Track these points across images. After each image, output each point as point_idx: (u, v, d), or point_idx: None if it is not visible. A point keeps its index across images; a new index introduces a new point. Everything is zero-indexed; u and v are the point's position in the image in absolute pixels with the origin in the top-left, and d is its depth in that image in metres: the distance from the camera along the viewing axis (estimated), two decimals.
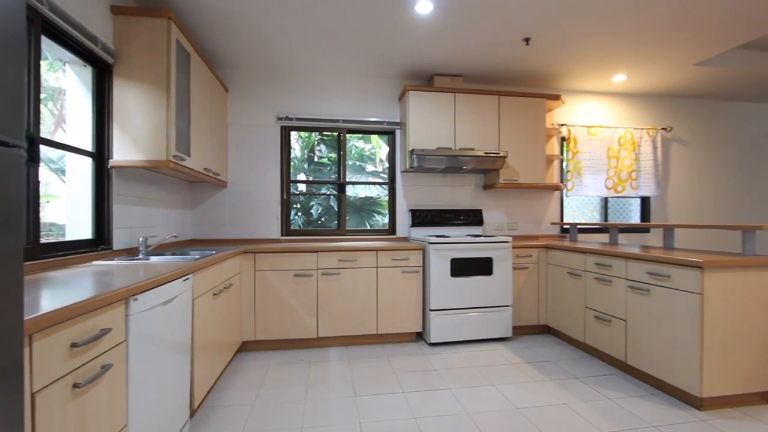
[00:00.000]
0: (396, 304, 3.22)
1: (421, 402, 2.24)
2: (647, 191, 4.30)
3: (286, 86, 3.68)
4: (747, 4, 2.53)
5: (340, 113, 3.77)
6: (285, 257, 3.05)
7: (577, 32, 2.91)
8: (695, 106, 4.56)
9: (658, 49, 3.20)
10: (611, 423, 2.01)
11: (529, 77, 3.85)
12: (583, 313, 2.98)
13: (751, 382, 2.14)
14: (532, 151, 3.73)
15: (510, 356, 2.97)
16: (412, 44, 3.11)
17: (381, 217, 4.54)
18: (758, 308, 2.14)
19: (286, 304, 3.05)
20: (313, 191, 4.14)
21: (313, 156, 4.73)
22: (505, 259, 3.30)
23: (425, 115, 3.51)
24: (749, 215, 4.73)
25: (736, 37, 2.99)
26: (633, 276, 2.50)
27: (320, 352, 3.06)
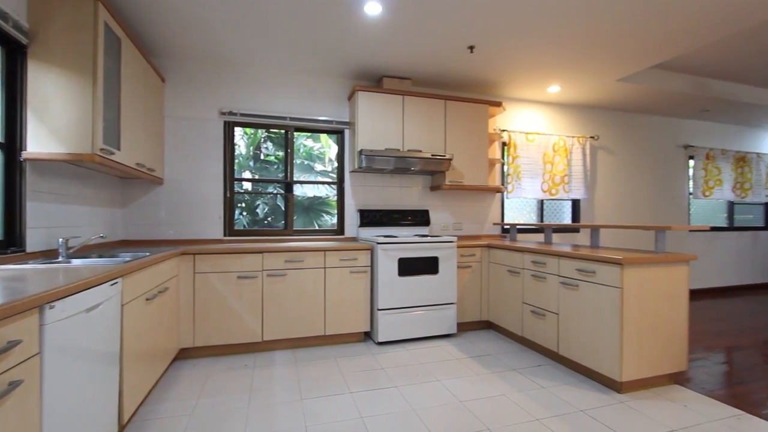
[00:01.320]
0: (344, 304, 3.21)
1: (369, 401, 2.25)
2: (577, 194, 4.66)
3: (231, 80, 3.53)
4: (657, 30, 2.83)
5: (288, 111, 3.68)
6: (228, 258, 2.92)
7: (516, 44, 3.08)
8: (618, 118, 5.03)
9: (586, 64, 3.48)
10: (544, 410, 2.15)
11: (474, 84, 4.02)
12: (521, 309, 3.16)
13: (661, 365, 2.40)
14: (476, 155, 3.89)
15: (454, 352, 3.08)
16: (362, 45, 3.11)
17: (330, 217, 4.50)
18: (666, 300, 2.40)
19: (229, 307, 2.92)
20: (259, 190, 4.00)
21: (259, 153, 4.57)
22: (450, 259, 3.41)
23: (374, 115, 3.54)
24: (662, 216, 5.30)
25: (651, 57, 3.34)
26: (564, 273, 2.70)
27: (266, 356, 2.97)
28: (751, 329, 3.76)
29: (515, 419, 2.05)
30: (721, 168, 5.52)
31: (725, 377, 2.63)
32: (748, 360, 2.95)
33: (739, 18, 2.67)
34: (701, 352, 3.10)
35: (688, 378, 2.60)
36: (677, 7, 2.54)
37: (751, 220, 6.12)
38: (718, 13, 2.61)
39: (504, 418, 2.06)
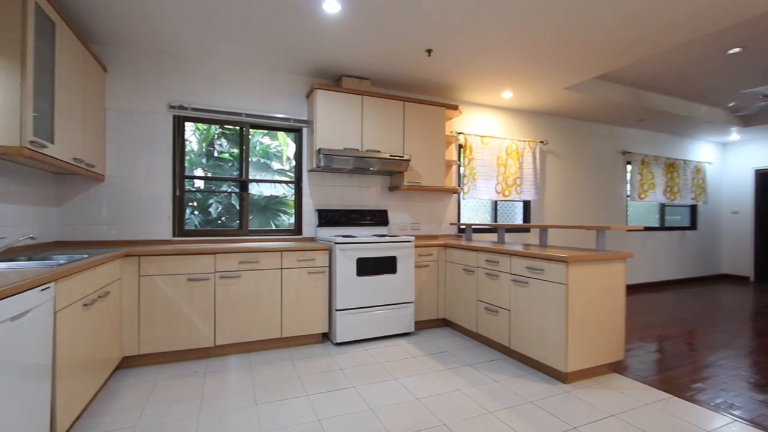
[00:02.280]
0: (301, 305, 3.15)
1: (327, 403, 2.23)
2: (528, 196, 4.90)
3: (182, 72, 3.36)
4: (599, 43, 3.04)
5: (244, 107, 3.56)
6: (177, 260, 2.78)
7: (471, 50, 3.18)
8: (565, 124, 5.34)
9: (537, 72, 3.67)
10: (496, 402, 2.24)
11: (432, 86, 4.10)
12: (476, 306, 3.27)
13: (602, 355, 2.58)
14: (433, 156, 3.97)
15: (412, 350, 3.12)
16: (321, 43, 3.08)
17: (287, 217, 4.40)
18: (606, 295, 2.58)
19: (178, 311, 2.78)
20: (213, 188, 3.84)
21: (212, 150, 4.39)
22: (408, 258, 3.46)
23: (333, 114, 3.51)
24: (603, 217, 5.70)
25: (594, 68, 3.57)
26: (516, 271, 2.82)
27: (218, 362, 2.85)
28: (679, 320, 4.14)
29: (469, 413, 2.12)
30: (654, 173, 6.02)
31: (656, 364, 2.87)
32: (675, 348, 3.24)
33: (669, 36, 2.93)
34: (636, 342, 3.37)
35: (625, 366, 2.81)
36: (617, 24, 2.74)
37: (679, 221, 6.72)
38: (652, 31, 2.85)
39: (458, 413, 2.12)
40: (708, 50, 3.57)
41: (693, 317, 4.25)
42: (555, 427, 1.98)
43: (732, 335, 3.59)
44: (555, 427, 1.98)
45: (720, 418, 2.09)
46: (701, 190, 6.59)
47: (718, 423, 2.03)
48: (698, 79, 4.32)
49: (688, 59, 3.78)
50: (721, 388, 2.45)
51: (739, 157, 6.95)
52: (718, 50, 3.57)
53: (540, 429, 1.96)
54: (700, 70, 4.07)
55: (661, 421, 2.05)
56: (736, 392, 2.40)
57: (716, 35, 3.23)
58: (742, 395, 2.36)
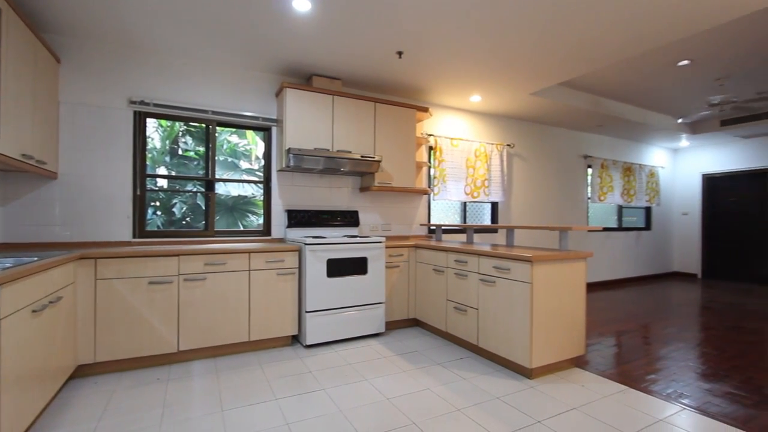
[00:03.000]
0: (270, 308, 3.09)
1: (296, 406, 2.20)
2: (496, 197, 5.03)
3: (144, 66, 3.21)
4: (562, 51, 3.17)
5: (210, 104, 3.46)
6: (137, 263, 2.65)
7: (441, 54, 3.24)
8: (531, 128, 5.52)
9: (504, 78, 3.77)
10: (465, 400, 2.28)
11: (403, 88, 4.13)
12: (445, 305, 3.32)
13: (564, 351, 2.68)
14: (404, 158, 4.00)
15: (382, 350, 3.13)
16: (291, 41, 3.03)
17: (256, 217, 4.31)
18: (568, 292, 2.69)
19: (139, 316, 2.66)
20: (177, 188, 3.70)
21: (176, 148, 4.22)
22: (379, 259, 3.46)
23: (303, 114, 3.47)
24: (566, 218, 5.93)
25: (558, 75, 3.72)
26: (483, 270, 2.89)
27: (182, 368, 2.75)
28: (635, 315, 4.37)
29: (438, 411, 2.15)
30: (612, 176, 6.33)
31: (614, 358, 3.02)
32: (631, 342, 3.42)
33: (625, 48, 3.09)
34: (596, 338, 3.53)
35: (586, 361, 2.93)
36: (578, 34, 2.87)
37: (635, 222, 7.11)
38: (609, 42, 3.00)
39: (428, 412, 2.15)
40: (660, 62, 3.80)
41: (647, 313, 4.50)
42: (520, 421, 2.05)
43: (682, 329, 3.83)
44: (520, 421, 2.05)
45: (671, 407, 2.22)
46: (655, 192, 7.00)
47: (669, 411, 2.17)
48: (652, 88, 4.59)
49: (642, 70, 4.00)
50: (672, 379, 2.61)
51: (688, 162, 7.43)
52: (669, 62, 3.80)
53: (506, 424, 2.02)
54: (653, 81, 4.33)
55: (618, 412, 2.16)
56: (685, 382, 2.57)
57: (667, 48, 3.45)
58: (690, 385, 2.53)
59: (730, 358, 3.03)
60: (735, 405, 2.25)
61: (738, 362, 2.94)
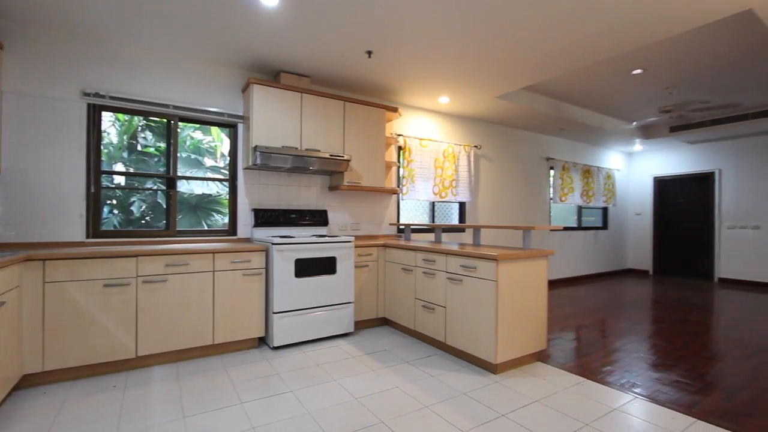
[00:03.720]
0: (236, 309, 3.01)
1: (262, 410, 2.15)
2: (463, 197, 5.13)
3: (100, 56, 3.04)
4: (527, 57, 3.28)
5: (172, 98, 3.32)
6: (91, 264, 2.51)
7: (410, 54, 3.27)
8: (497, 130, 5.68)
9: (471, 81, 3.86)
10: (432, 397, 2.32)
11: (373, 88, 4.14)
12: (414, 304, 3.36)
13: (527, 346, 2.78)
14: (373, 157, 4.01)
15: (351, 350, 3.12)
16: (258, 36, 2.96)
17: (221, 216, 4.17)
18: (531, 289, 2.79)
19: (93, 321, 2.51)
20: (136, 185, 3.52)
21: (135, 144, 4.02)
22: (348, 258, 3.45)
23: (270, 111, 3.40)
24: (530, 218, 6.15)
25: (522, 79, 3.84)
26: (451, 269, 2.95)
27: (141, 374, 2.62)
28: (593, 310, 4.59)
29: (406, 409, 2.17)
30: (573, 178, 6.62)
31: (574, 351, 3.16)
32: (589, 336, 3.59)
33: (583, 55, 3.24)
34: (557, 332, 3.68)
35: (548, 355, 3.05)
36: (543, 41, 2.98)
37: (593, 221, 7.47)
38: (569, 50, 3.13)
39: (396, 410, 2.16)
40: (616, 70, 4.01)
41: (604, 308, 4.75)
42: (485, 416, 2.10)
43: (635, 322, 4.06)
44: (485, 416, 2.10)
45: (624, 396, 2.35)
46: (611, 194, 7.38)
47: (623, 401, 2.29)
48: (608, 95, 4.83)
49: (600, 77, 4.21)
50: (625, 370, 2.77)
51: (641, 166, 7.89)
52: (624, 70, 4.02)
53: (471, 419, 2.07)
54: (609, 87, 4.56)
55: (577, 402, 2.26)
56: (638, 373, 2.73)
57: (622, 57, 3.65)
58: (642, 375, 2.69)
59: (677, 348, 3.25)
60: (681, 392, 2.42)
61: (684, 352, 3.15)
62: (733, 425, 2.03)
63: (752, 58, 3.68)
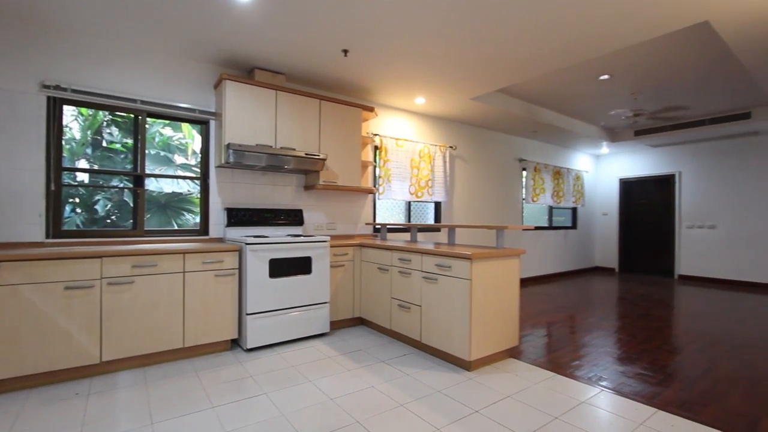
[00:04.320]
0: (207, 311, 2.93)
1: (235, 413, 2.10)
2: (439, 197, 5.19)
3: (61, 47, 2.89)
4: (501, 61, 3.35)
5: (140, 92, 3.20)
6: (51, 266, 2.38)
7: (386, 54, 3.27)
8: (472, 131, 5.77)
9: (446, 82, 3.91)
10: (407, 395, 2.33)
11: (349, 87, 4.12)
12: (390, 303, 3.37)
13: (500, 343, 2.84)
14: (349, 156, 3.99)
15: (327, 350, 3.10)
16: (232, 31, 2.90)
17: (192, 216, 4.06)
18: (504, 287, 2.86)
19: (53, 326, 2.38)
20: (101, 183, 3.37)
21: (100, 140, 3.85)
22: (323, 258, 3.43)
23: (244, 108, 3.33)
24: (503, 217, 6.29)
25: (496, 82, 3.92)
26: (426, 268, 2.97)
27: (106, 380, 2.51)
28: (563, 307, 4.75)
29: (382, 408, 2.18)
30: (544, 179, 6.82)
31: (545, 347, 3.25)
32: (559, 332, 3.71)
33: (553, 60, 3.34)
34: (528, 329, 3.78)
35: (520, 351, 3.13)
36: (512, 45, 3.05)
37: (563, 221, 7.71)
38: (540, 55, 3.22)
39: (372, 409, 2.16)
40: (584, 75, 4.16)
41: (573, 304, 4.91)
42: (459, 412, 2.13)
43: (602, 318, 4.23)
44: (459, 412, 2.13)
45: (592, 389, 2.45)
46: (580, 194, 7.65)
47: (590, 393, 2.38)
48: (577, 99, 5.00)
49: (569, 82, 4.36)
50: (593, 364, 2.87)
51: (608, 168, 8.21)
52: (592, 76, 4.18)
53: (446, 416, 2.10)
54: (578, 92, 4.72)
55: (547, 397, 2.33)
56: (604, 366, 2.84)
57: (590, 63, 3.79)
58: (608, 368, 2.80)
59: (640, 342, 3.40)
60: (643, 384, 2.53)
61: (646, 346, 3.30)
62: (690, 414, 2.14)
63: (709, 67, 3.90)
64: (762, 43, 3.02)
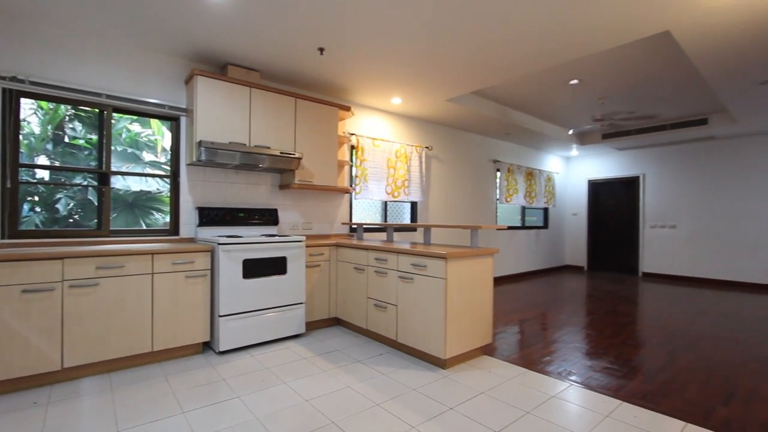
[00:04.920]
0: (177, 314, 2.84)
1: (206, 418, 2.05)
2: (415, 197, 5.23)
3: (18, 37, 2.73)
4: (471, 64, 3.41)
5: (105, 86, 3.07)
6: (6, 268, 2.25)
7: (363, 54, 3.27)
8: (448, 132, 5.85)
9: (422, 83, 3.94)
10: (383, 394, 2.34)
11: (325, 86, 4.09)
12: (366, 303, 3.37)
13: (474, 340, 2.89)
14: (325, 156, 3.96)
15: (302, 351, 3.07)
16: (204, 25, 2.82)
17: (161, 215, 3.92)
18: (478, 286, 2.91)
19: (8, 331, 2.25)
20: (63, 180, 3.21)
21: (62, 135, 3.66)
22: (299, 258, 3.39)
23: (217, 105, 3.25)
24: (478, 217, 6.40)
25: (469, 84, 3.99)
26: (402, 268, 2.99)
27: (68, 387, 2.40)
28: (535, 305, 4.88)
29: (358, 408, 2.17)
30: (517, 180, 6.98)
31: (517, 344, 3.33)
32: (531, 329, 3.81)
33: (524, 64, 3.43)
34: (502, 326, 3.86)
35: (494, 348, 3.20)
36: (490, 49, 3.11)
37: (535, 221, 7.92)
38: (514, 58, 3.30)
39: (347, 409, 2.16)
40: (555, 80, 4.29)
41: (545, 302, 5.06)
42: (434, 410, 2.16)
43: (571, 315, 4.37)
44: (434, 410, 2.16)
45: (562, 384, 2.53)
46: (551, 195, 7.88)
47: (560, 388, 2.46)
48: (549, 102, 5.15)
49: (541, 86, 4.48)
50: (563, 359, 2.97)
51: (577, 169, 8.50)
52: (562, 80, 4.31)
53: (421, 414, 2.12)
54: (550, 96, 4.87)
55: (519, 392, 2.39)
56: (573, 361, 2.93)
57: (561, 68, 3.91)
58: (577, 363, 2.90)
59: (608, 337, 3.54)
60: (610, 377, 2.64)
61: (613, 341, 3.44)
62: (652, 405, 2.25)
63: (670, 74, 4.10)
64: (717, 53, 3.20)
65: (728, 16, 2.63)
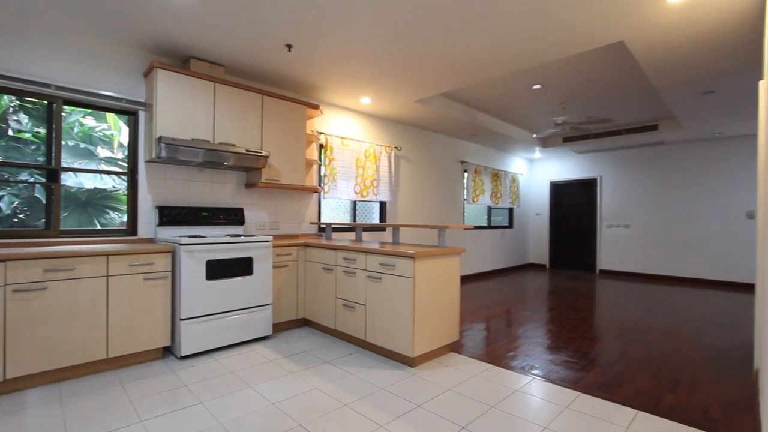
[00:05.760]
0: (135, 318, 2.71)
1: (166, 427, 1.97)
2: (384, 197, 5.25)
3: None
4: (438, 66, 3.46)
5: (55, 77, 2.87)
6: None
7: (331, 52, 3.24)
8: (416, 133, 5.91)
9: (390, 83, 3.96)
10: (352, 395, 2.33)
11: (293, 83, 4.02)
12: (334, 303, 3.35)
13: (441, 338, 2.94)
14: (293, 154, 3.90)
15: (269, 354, 3.01)
16: (164, 15, 2.70)
17: (118, 214, 3.72)
18: (445, 285, 2.96)
19: None
20: (7, 177, 2.97)
21: (5, 128, 3.40)
22: (265, 259, 3.31)
23: (178, 100, 3.12)
24: (446, 217, 6.51)
25: (437, 86, 4.05)
26: (371, 267, 2.99)
27: (11, 399, 2.23)
28: (500, 302, 5.02)
29: (326, 409, 2.15)
30: (484, 180, 7.16)
31: (483, 341, 3.42)
32: (497, 325, 3.92)
33: (491, 68, 3.52)
34: (468, 324, 3.95)
35: (461, 345, 3.26)
36: (456, 51, 3.17)
37: (501, 221, 8.16)
38: (479, 63, 3.38)
39: (315, 411, 2.13)
40: (519, 84, 4.43)
41: (509, 299, 5.22)
42: (402, 408, 2.18)
43: (534, 311, 4.53)
44: (402, 408, 2.18)
45: (525, 378, 2.61)
46: (516, 196, 8.14)
47: (523, 382, 2.54)
48: (513, 106, 5.32)
49: (506, 89, 4.62)
50: (526, 354, 3.07)
51: (540, 171, 8.82)
52: (526, 85, 4.46)
53: (389, 412, 2.13)
54: (514, 99, 5.02)
55: (485, 387, 2.45)
56: (536, 356, 3.04)
57: (525, 72, 4.04)
58: (539, 357, 3.01)
59: (568, 332, 3.70)
60: (569, 370, 2.76)
61: (572, 335, 3.60)
62: (607, 395, 2.37)
63: (624, 82, 4.34)
64: (665, 64, 3.42)
65: (676, 31, 2.81)
